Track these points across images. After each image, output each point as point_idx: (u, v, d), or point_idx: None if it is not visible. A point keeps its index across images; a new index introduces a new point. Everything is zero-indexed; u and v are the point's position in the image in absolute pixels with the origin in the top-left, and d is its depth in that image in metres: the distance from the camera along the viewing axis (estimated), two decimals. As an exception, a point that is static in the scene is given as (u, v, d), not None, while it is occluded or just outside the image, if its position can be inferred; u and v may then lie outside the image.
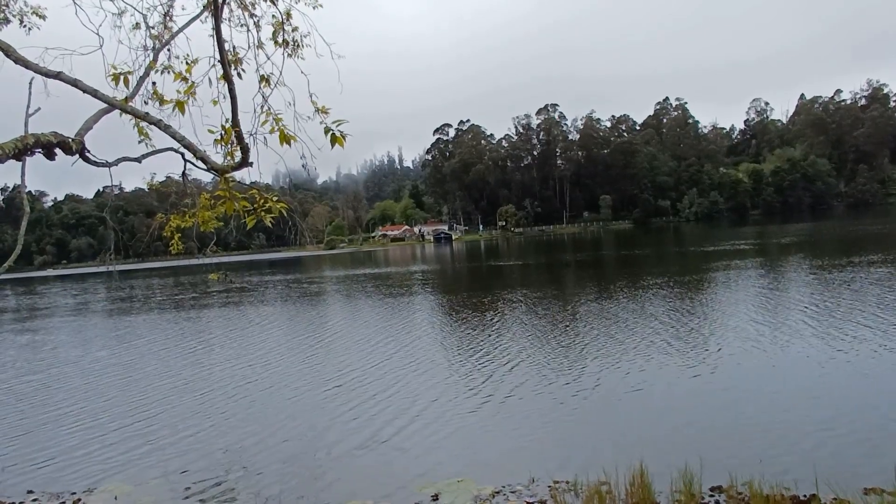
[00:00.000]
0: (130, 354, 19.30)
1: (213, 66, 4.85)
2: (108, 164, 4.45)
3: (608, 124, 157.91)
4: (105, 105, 4.40)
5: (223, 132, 4.70)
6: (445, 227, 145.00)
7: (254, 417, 11.22)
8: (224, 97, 4.73)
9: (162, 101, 5.05)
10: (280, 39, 4.93)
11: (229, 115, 4.54)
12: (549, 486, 7.19)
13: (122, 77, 4.70)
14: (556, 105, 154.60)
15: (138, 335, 23.88)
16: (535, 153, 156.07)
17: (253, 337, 20.86)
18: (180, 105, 4.87)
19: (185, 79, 4.96)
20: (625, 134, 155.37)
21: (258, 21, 5.00)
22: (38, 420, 12.22)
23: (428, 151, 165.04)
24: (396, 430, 9.80)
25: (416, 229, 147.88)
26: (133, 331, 25.47)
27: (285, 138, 4.47)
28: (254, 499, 7.61)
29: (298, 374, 14.52)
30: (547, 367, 13.13)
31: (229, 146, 4.73)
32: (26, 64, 4.15)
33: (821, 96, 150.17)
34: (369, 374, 13.72)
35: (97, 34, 4.76)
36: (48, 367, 18.11)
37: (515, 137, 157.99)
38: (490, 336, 17.22)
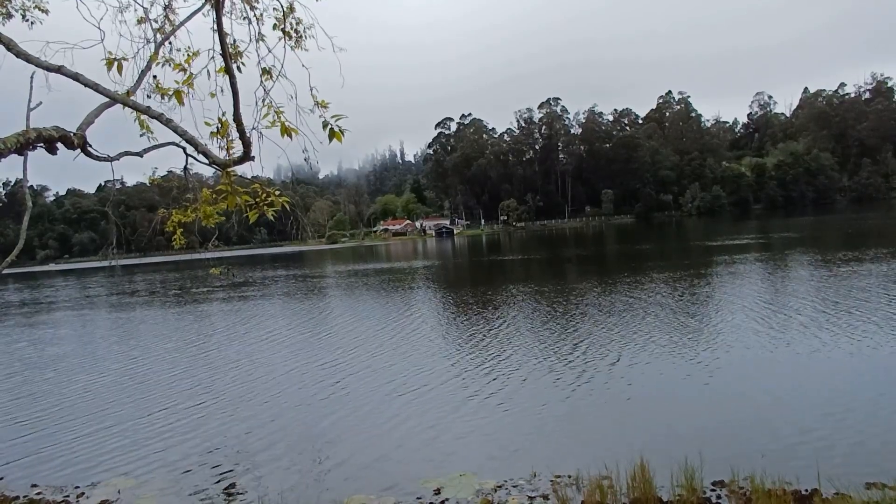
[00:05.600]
0: (136, 351, 19.37)
1: (213, 58, 4.82)
2: (109, 159, 4.43)
3: (610, 118, 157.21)
4: (106, 99, 4.37)
5: (220, 125, 4.67)
6: (447, 222, 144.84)
7: (257, 413, 11.26)
8: (223, 90, 4.71)
9: (163, 94, 5.02)
10: (286, 28, 4.88)
11: (228, 109, 4.51)
12: (551, 481, 7.21)
13: (115, 63, 4.66)
14: (559, 99, 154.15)
15: (144, 331, 23.94)
16: (536, 147, 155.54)
17: (258, 335, 20.91)
18: (178, 95, 4.84)
19: (183, 69, 4.93)
20: (627, 128, 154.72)
21: (260, 14, 4.96)
22: (43, 415, 12.28)
23: (429, 146, 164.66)
24: (398, 425, 9.83)
25: (417, 224, 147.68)
26: (139, 327, 25.54)
27: (286, 130, 4.45)
28: (256, 492, 7.64)
29: (302, 371, 14.57)
30: (548, 362, 13.14)
31: (226, 139, 4.70)
32: (28, 58, 4.13)
33: (824, 90, 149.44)
34: (371, 371, 13.76)
35: (98, 28, 4.73)
36: (51, 363, 18.18)
37: (517, 131, 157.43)
38: (492, 332, 17.23)
